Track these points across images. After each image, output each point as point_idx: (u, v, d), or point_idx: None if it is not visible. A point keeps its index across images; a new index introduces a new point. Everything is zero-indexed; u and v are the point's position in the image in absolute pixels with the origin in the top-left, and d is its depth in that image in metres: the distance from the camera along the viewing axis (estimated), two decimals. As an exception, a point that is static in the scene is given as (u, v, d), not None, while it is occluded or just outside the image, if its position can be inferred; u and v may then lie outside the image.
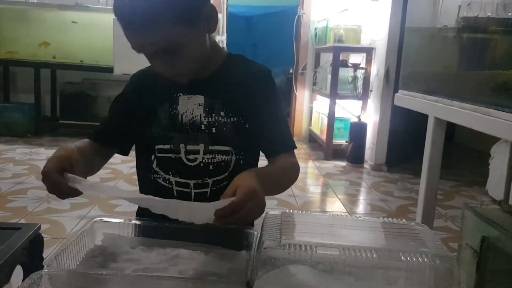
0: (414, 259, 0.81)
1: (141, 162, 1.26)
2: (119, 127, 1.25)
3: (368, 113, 5.08)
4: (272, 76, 1.23)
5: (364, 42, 5.17)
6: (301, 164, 4.16)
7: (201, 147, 1.16)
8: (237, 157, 1.17)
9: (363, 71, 5.08)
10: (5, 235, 1.45)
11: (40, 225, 1.57)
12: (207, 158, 1.16)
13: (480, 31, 1.91)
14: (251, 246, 0.99)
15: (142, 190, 1.28)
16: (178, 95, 1.19)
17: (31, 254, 1.34)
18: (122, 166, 4.29)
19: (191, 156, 1.17)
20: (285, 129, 1.21)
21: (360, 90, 5.07)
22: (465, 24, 1.96)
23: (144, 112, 1.22)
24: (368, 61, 5.07)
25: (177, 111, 1.18)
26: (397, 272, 0.81)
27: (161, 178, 1.21)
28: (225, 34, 5.94)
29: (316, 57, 6.06)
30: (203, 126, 1.16)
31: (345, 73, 5.11)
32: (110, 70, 5.16)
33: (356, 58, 5.29)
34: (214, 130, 1.16)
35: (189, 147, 1.17)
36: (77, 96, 5.73)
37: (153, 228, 1.10)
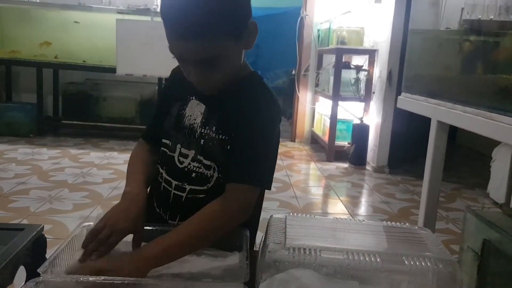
0: (417, 263, 0.82)
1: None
2: (159, 123, 1.28)
3: (370, 115, 5.08)
4: (274, 110, 1.18)
5: (367, 44, 5.18)
6: (303, 166, 4.20)
7: (191, 153, 1.17)
8: (219, 175, 1.16)
9: (366, 73, 5.08)
10: (8, 236, 1.46)
11: (43, 226, 1.57)
12: (193, 166, 1.17)
13: (482, 33, 1.91)
14: (242, 246, 1.00)
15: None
16: (191, 97, 1.21)
17: (34, 255, 1.35)
18: (125, 166, 4.28)
19: (182, 159, 1.19)
20: (258, 161, 1.11)
21: (362, 92, 5.07)
22: (468, 27, 1.96)
23: (166, 107, 1.26)
24: (371, 63, 5.07)
25: (184, 112, 1.21)
26: (400, 276, 0.81)
27: (159, 171, 1.25)
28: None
29: (318, 59, 6.07)
30: (196, 134, 1.18)
31: (348, 75, 5.12)
32: (112, 70, 5.18)
33: (358, 60, 5.30)
34: (202, 141, 1.16)
35: (183, 150, 1.19)
36: (80, 96, 5.75)
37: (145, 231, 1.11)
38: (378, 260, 0.82)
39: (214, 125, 1.16)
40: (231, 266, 0.98)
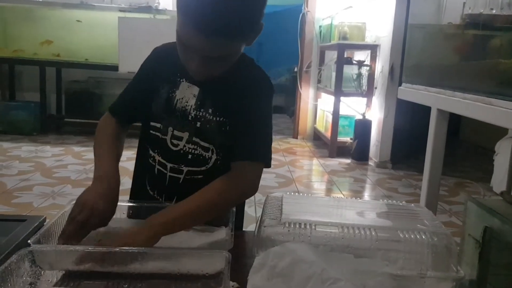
0: (412, 236, 0.82)
1: (141, 135, 1.31)
2: (134, 100, 1.28)
3: (372, 110, 5.08)
4: (268, 86, 1.21)
5: (369, 39, 5.17)
6: (305, 162, 4.21)
7: (185, 135, 1.18)
8: (217, 156, 1.18)
9: (368, 68, 5.08)
10: (10, 227, 1.47)
11: (45, 217, 1.58)
12: (188, 147, 1.18)
13: (484, 28, 1.90)
14: (228, 222, 1.03)
15: (136, 162, 1.34)
16: (181, 80, 1.20)
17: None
18: (127, 163, 4.29)
19: (175, 141, 1.19)
20: (260, 139, 1.14)
21: (364, 87, 5.07)
22: (470, 21, 1.96)
23: (151, 87, 1.24)
24: (373, 58, 5.07)
25: (174, 95, 1.20)
26: (396, 249, 0.82)
27: (149, 154, 1.25)
28: (230, 33, 5.96)
29: (320, 55, 6.07)
30: (190, 117, 1.18)
31: (350, 71, 5.12)
32: (115, 68, 5.19)
33: (360, 56, 5.29)
34: (198, 124, 1.17)
35: (176, 132, 1.19)
36: (82, 94, 5.76)
37: (133, 208, 1.15)
38: (373, 234, 0.82)
39: (210, 107, 1.17)
40: (218, 239, 1.01)
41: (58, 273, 0.91)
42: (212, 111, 1.16)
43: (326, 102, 5.78)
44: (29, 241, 0.90)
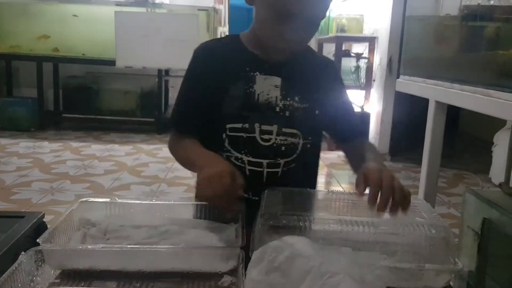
0: (411, 229, 0.82)
1: (210, 141, 1.20)
2: (198, 109, 1.21)
3: (371, 103, 5.07)
4: (336, 67, 1.33)
5: (367, 31, 5.15)
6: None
7: (274, 128, 1.17)
8: (304, 141, 1.20)
9: (366, 60, 5.07)
10: (9, 223, 1.46)
11: (44, 213, 1.58)
12: (280, 139, 1.18)
13: (482, 19, 1.90)
14: (238, 218, 1.01)
15: None
16: (255, 74, 1.17)
17: (35, 242, 1.35)
18: (126, 158, 4.30)
19: (266, 136, 1.17)
20: (356, 115, 1.34)
21: (363, 80, 5.06)
22: (468, 12, 1.95)
23: (216, 90, 1.18)
24: (371, 50, 5.05)
25: (253, 90, 1.17)
26: (394, 242, 0.82)
27: (233, 157, 1.19)
28: (227, 26, 5.94)
29: (319, 48, 6.04)
30: (277, 108, 1.17)
31: (348, 63, 5.11)
32: (112, 63, 5.18)
33: (358, 48, 5.28)
34: (287, 113, 1.17)
35: (264, 127, 1.17)
36: (80, 89, 5.75)
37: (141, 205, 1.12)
38: (372, 227, 0.82)
39: (295, 95, 1.19)
40: (227, 236, 0.99)
41: (68, 272, 0.90)
42: (298, 99, 1.18)
43: (324, 95, 5.77)
44: (38, 240, 0.89)
